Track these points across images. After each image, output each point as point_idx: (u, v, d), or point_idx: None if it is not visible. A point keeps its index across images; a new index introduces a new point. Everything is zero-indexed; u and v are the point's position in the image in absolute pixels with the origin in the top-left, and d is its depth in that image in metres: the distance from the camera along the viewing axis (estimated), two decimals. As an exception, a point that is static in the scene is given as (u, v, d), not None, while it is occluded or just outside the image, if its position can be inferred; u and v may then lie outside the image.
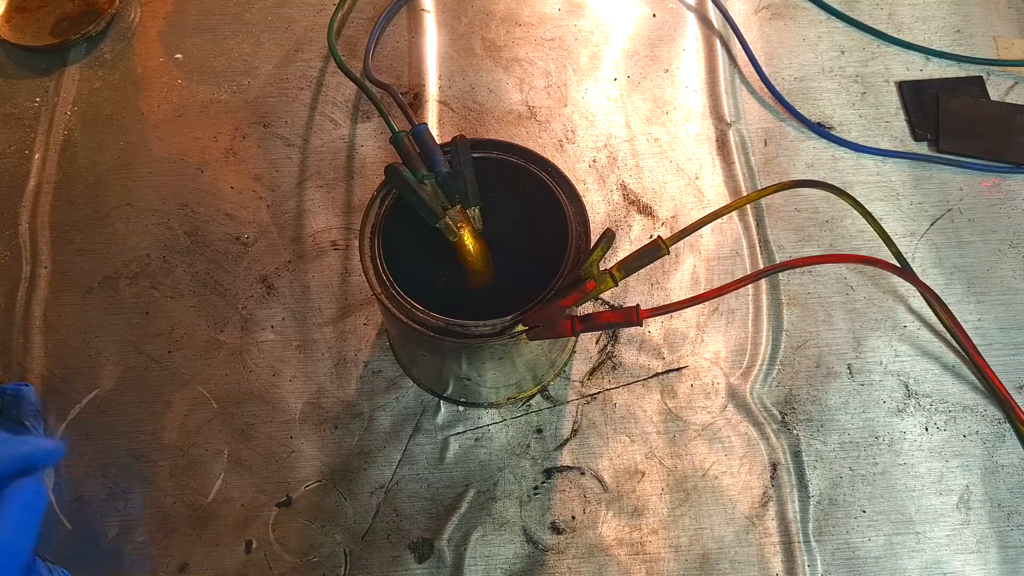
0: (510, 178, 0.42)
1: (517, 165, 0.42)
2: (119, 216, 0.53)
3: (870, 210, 0.49)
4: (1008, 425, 0.48)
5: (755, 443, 0.48)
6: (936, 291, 0.48)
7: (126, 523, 0.45)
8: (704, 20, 0.62)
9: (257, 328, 0.50)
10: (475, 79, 0.59)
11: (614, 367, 0.49)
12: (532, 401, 0.48)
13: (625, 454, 0.47)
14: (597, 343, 0.50)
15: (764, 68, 0.59)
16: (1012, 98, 0.58)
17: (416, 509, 0.46)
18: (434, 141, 0.41)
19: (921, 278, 0.49)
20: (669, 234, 0.41)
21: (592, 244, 0.38)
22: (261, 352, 0.49)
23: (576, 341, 0.50)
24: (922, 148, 0.57)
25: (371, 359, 0.49)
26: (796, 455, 0.47)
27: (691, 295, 0.38)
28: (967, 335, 0.49)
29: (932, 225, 0.54)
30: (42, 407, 0.47)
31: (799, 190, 0.54)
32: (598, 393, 0.49)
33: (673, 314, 0.50)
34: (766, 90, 0.58)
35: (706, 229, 0.52)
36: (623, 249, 0.53)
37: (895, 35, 0.60)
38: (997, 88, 0.58)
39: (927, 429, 0.48)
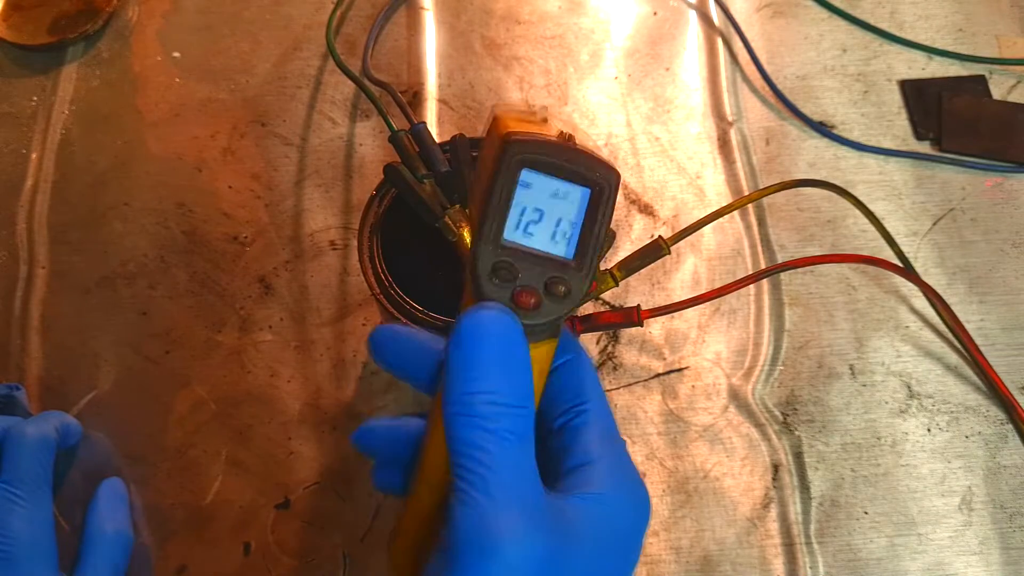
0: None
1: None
2: (116, 216, 0.53)
3: (872, 209, 0.49)
4: (1011, 426, 0.48)
5: (757, 444, 0.47)
6: (938, 291, 0.48)
7: (124, 525, 0.45)
8: (705, 18, 0.61)
9: (255, 328, 0.50)
10: (475, 77, 0.58)
11: (615, 368, 0.49)
12: (532, 402, 0.48)
13: (626, 455, 0.47)
14: (598, 344, 0.50)
15: (766, 66, 0.58)
16: (1014, 97, 0.58)
17: (415, 511, 0.45)
18: (433, 140, 0.40)
19: (923, 278, 0.49)
20: (670, 233, 0.41)
21: (593, 244, 0.37)
22: (259, 353, 0.49)
23: (576, 341, 0.49)
24: (924, 147, 0.56)
25: (370, 360, 0.49)
26: (798, 456, 0.47)
27: (692, 295, 0.38)
28: (969, 335, 0.49)
29: (934, 225, 0.54)
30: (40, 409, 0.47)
31: (801, 189, 0.54)
32: (598, 394, 0.48)
33: (674, 314, 0.50)
34: (768, 89, 0.58)
35: (707, 229, 0.51)
36: (624, 249, 0.52)
37: (897, 33, 0.60)
38: (999, 87, 0.58)
39: (929, 430, 0.48)
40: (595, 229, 0.28)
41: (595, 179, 0.28)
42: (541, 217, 0.28)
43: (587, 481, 0.27)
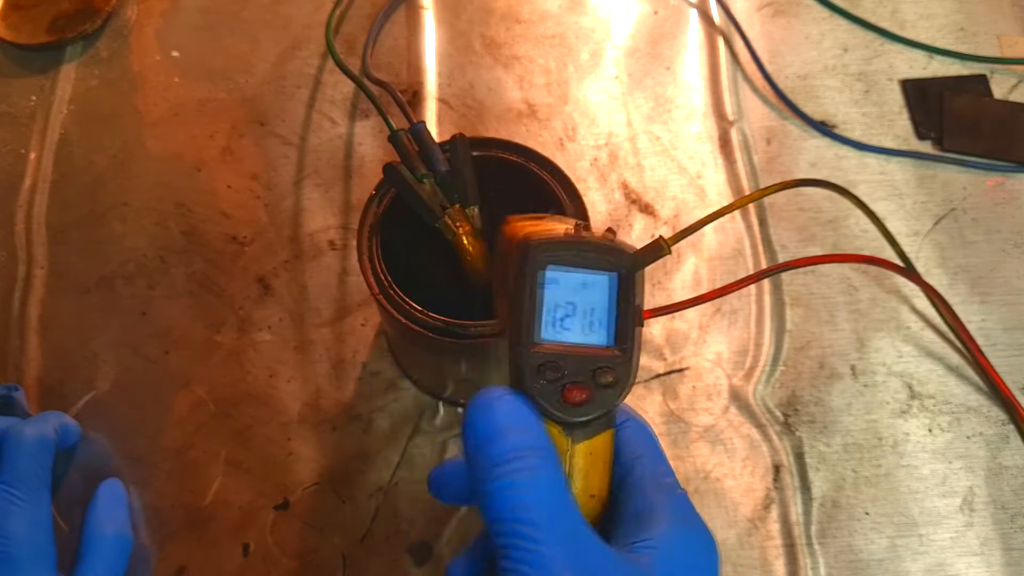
0: (510, 177, 0.42)
1: (517, 164, 0.41)
2: (115, 216, 0.53)
3: (873, 209, 0.49)
4: (1012, 426, 0.48)
5: (758, 445, 0.47)
6: (940, 291, 0.48)
7: (122, 526, 0.44)
8: (706, 17, 0.61)
9: (254, 329, 0.49)
10: (474, 77, 0.58)
11: (615, 368, 0.49)
12: (532, 402, 0.48)
13: (626, 456, 0.47)
14: (598, 344, 0.50)
15: (767, 66, 0.58)
16: (1016, 96, 0.58)
17: (415, 512, 0.45)
18: (433, 139, 0.40)
19: (925, 278, 0.48)
20: (671, 233, 0.40)
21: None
22: (258, 353, 0.49)
23: (577, 342, 0.49)
24: (926, 147, 0.56)
25: (369, 360, 0.49)
26: (799, 457, 0.47)
27: (693, 295, 0.37)
28: (971, 336, 0.48)
29: (936, 225, 0.54)
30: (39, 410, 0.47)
31: (802, 189, 0.54)
32: (599, 394, 0.48)
33: (675, 314, 0.50)
34: (769, 88, 0.58)
35: (708, 228, 0.51)
36: (624, 249, 0.52)
37: (898, 33, 0.60)
38: (1001, 86, 0.58)
39: (931, 431, 0.48)
40: (628, 311, 0.28)
41: (618, 263, 0.28)
42: (574, 310, 0.28)
43: (648, 528, 0.26)
